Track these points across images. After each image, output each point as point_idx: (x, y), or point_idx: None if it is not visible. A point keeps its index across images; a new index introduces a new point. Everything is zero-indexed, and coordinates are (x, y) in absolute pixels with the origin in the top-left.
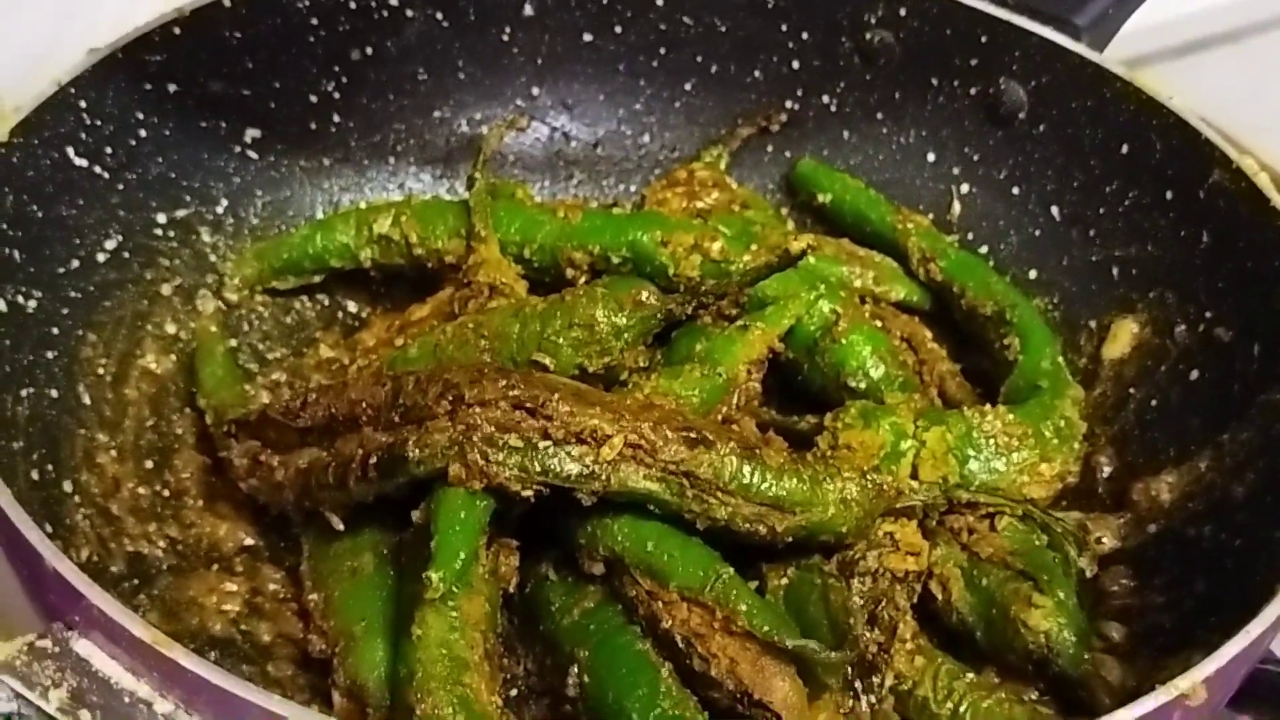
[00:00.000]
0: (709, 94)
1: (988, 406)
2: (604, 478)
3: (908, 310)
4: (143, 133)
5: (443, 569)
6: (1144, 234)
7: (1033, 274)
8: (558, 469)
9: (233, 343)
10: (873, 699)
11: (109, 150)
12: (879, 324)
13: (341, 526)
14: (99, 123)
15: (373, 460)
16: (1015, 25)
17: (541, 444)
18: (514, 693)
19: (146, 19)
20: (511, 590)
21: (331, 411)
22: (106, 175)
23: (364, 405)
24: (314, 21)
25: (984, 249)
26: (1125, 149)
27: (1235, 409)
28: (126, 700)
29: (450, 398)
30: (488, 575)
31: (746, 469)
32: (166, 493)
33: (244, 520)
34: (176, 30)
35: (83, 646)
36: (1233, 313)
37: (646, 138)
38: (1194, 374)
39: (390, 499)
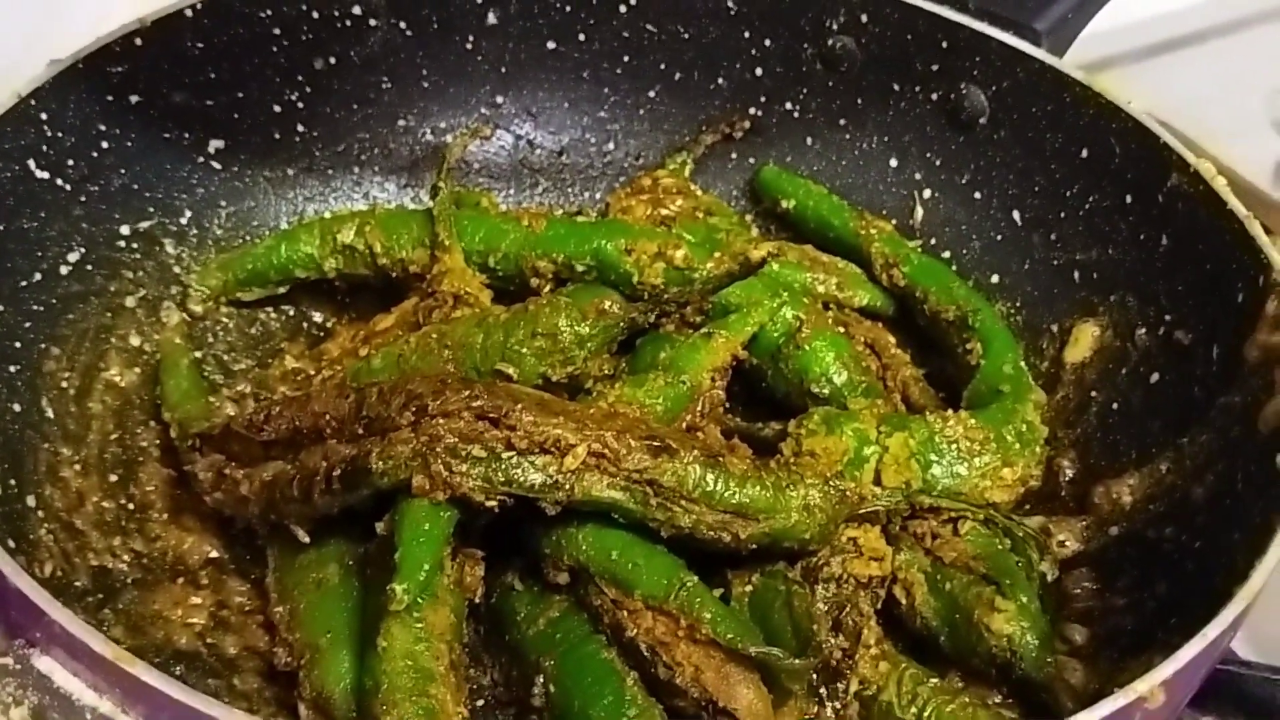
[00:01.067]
0: (673, 101)
1: (950, 412)
2: (568, 487)
3: (871, 316)
4: (105, 144)
5: (406, 580)
6: (1104, 238)
7: (995, 278)
8: (521, 479)
9: (197, 354)
10: (837, 704)
11: (71, 162)
12: (842, 330)
13: (307, 539)
14: (60, 134)
15: (336, 472)
16: (976, 30)
17: (505, 454)
18: (480, 703)
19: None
20: (478, 601)
21: (295, 424)
22: (68, 187)
23: (327, 417)
24: (276, 31)
25: (946, 254)
26: (1085, 153)
27: (1195, 412)
28: (89, 717)
29: (413, 409)
30: (453, 586)
31: (710, 476)
32: (131, 506)
33: (209, 533)
34: (138, 41)
35: (44, 664)
36: (1192, 316)
37: (611, 145)
38: (1154, 377)
39: (355, 511)
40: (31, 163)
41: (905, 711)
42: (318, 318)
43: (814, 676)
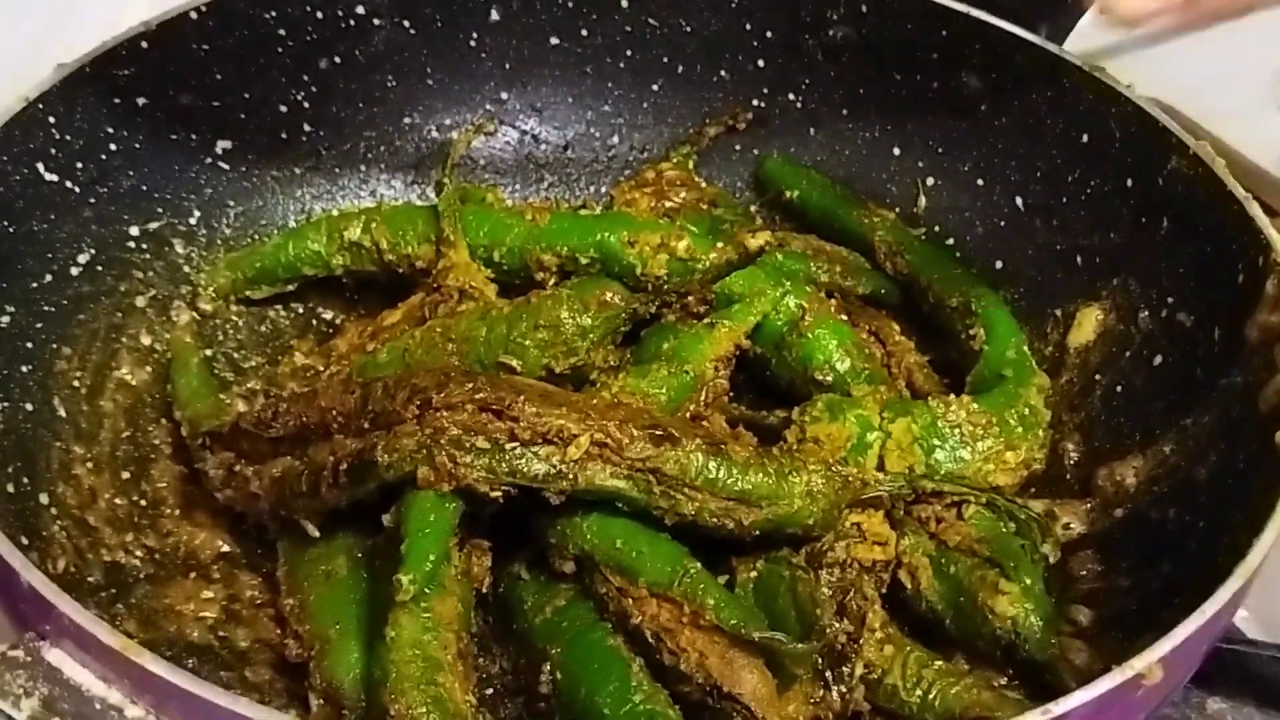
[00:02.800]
0: (676, 94)
1: (952, 396)
2: (571, 477)
3: (875, 304)
4: (113, 146)
5: (413, 571)
6: (1106, 222)
7: (998, 264)
8: (525, 469)
9: (208, 352)
10: (843, 688)
11: (80, 165)
12: (845, 318)
13: (316, 533)
14: (69, 137)
15: (343, 466)
16: (974, 18)
17: (508, 445)
18: (489, 691)
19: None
20: (485, 591)
21: (303, 420)
22: (78, 189)
23: (334, 413)
24: (281, 32)
25: (950, 241)
26: (1085, 138)
27: (1197, 393)
28: (98, 707)
29: (418, 402)
30: (460, 576)
31: (712, 464)
32: (143, 502)
33: (221, 528)
34: (144, 44)
35: (54, 655)
36: (1193, 297)
37: (615, 139)
38: (1158, 359)
39: (363, 504)
40: (40, 166)
41: (910, 694)
42: (326, 314)
43: (819, 660)
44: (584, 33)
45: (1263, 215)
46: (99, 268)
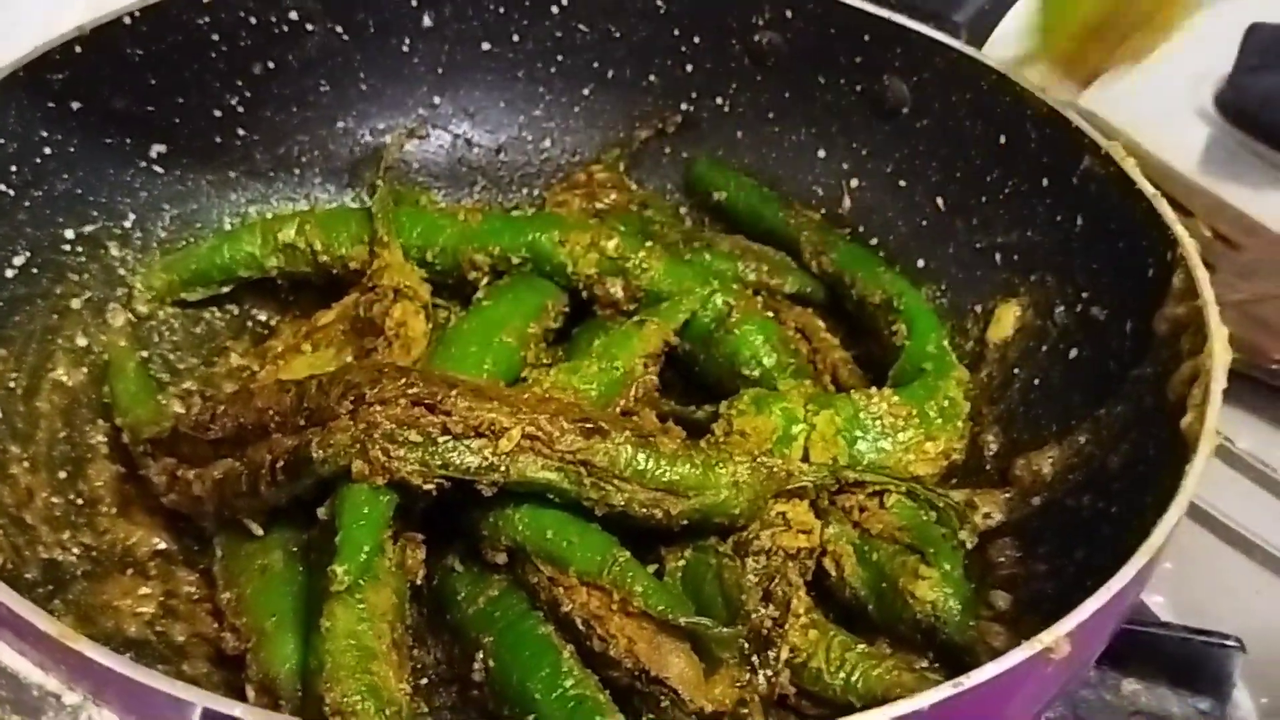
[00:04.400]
0: (607, 99)
1: (874, 390)
2: (503, 469)
3: (801, 302)
4: (47, 150)
5: (347, 562)
6: (1023, 220)
7: (920, 263)
8: (458, 462)
9: (144, 354)
10: (768, 672)
11: (14, 168)
12: (772, 315)
13: (261, 532)
14: (2, 141)
15: (280, 464)
16: (896, 23)
17: (441, 439)
18: (424, 681)
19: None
20: (420, 583)
21: (240, 421)
22: (12, 193)
23: (270, 412)
24: (215, 37)
25: (874, 240)
26: (1003, 139)
27: (1111, 384)
28: (35, 694)
29: (352, 398)
30: (394, 568)
31: (641, 456)
32: (80, 501)
33: (158, 525)
34: (78, 48)
35: None
36: (1106, 292)
37: (547, 143)
38: (1073, 353)
39: (302, 500)
40: None
41: (834, 677)
42: (262, 316)
43: (745, 645)
44: (515, 38)
45: (1171, 211)
46: (34, 270)
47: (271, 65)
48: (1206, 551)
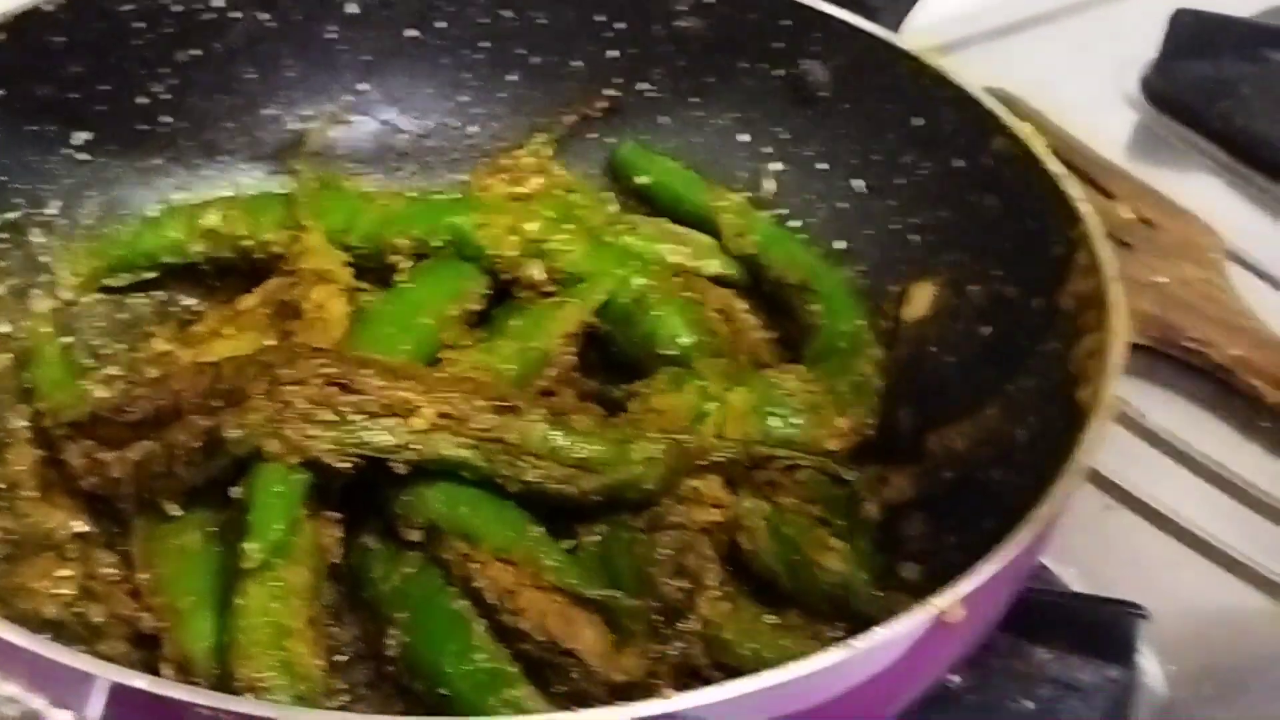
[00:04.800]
0: (532, 84)
1: (787, 366)
2: (417, 447)
3: (722, 283)
4: None
5: (259, 540)
6: (937, 201)
7: (840, 245)
8: (371, 441)
9: (67, 340)
10: (680, 643)
11: None
12: (691, 295)
13: (179, 513)
14: None
15: (195, 445)
16: (814, 9)
17: (355, 418)
18: (344, 658)
19: None
20: (338, 561)
21: (158, 403)
22: None
23: (187, 394)
24: (139, 25)
25: (796, 223)
26: (918, 122)
27: (1020, 360)
28: None
29: (266, 378)
30: (310, 547)
31: (554, 433)
32: (1, 485)
33: (78, 508)
34: None
35: None
36: (1016, 270)
37: (474, 128)
38: (985, 330)
39: (219, 481)
40: None
41: (743, 647)
42: (187, 301)
43: (656, 617)
44: (440, 25)
45: (1078, 190)
46: None
47: (196, 52)
48: (1122, 526)
